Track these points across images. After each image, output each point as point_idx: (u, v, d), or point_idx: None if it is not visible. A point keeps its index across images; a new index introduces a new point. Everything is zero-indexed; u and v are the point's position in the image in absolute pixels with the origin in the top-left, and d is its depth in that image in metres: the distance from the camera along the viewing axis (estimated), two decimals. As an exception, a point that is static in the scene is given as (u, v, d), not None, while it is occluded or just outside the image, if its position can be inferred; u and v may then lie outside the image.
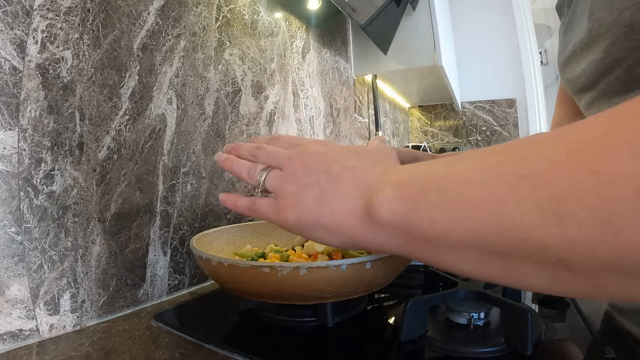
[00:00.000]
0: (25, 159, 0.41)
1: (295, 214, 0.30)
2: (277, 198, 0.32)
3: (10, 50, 0.39)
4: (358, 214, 0.27)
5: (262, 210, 0.34)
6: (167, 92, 0.58)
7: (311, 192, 0.30)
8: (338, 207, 0.28)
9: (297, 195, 0.30)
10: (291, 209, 0.31)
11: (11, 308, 0.39)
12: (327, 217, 0.28)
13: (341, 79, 1.27)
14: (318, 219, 0.29)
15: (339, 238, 0.29)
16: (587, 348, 0.38)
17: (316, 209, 0.29)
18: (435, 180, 0.23)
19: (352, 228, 0.27)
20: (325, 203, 0.29)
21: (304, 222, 0.30)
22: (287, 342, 0.41)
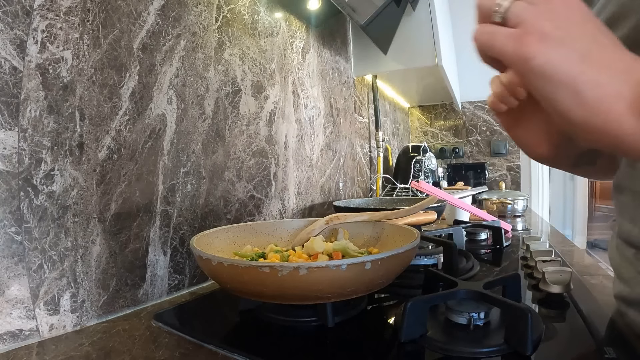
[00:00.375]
0: (25, 159, 0.41)
1: (547, 56, 0.24)
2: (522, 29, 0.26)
3: (10, 50, 0.39)
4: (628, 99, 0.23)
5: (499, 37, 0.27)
6: (167, 92, 0.58)
7: (574, 44, 0.24)
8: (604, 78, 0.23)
9: (553, 38, 0.24)
10: (543, 48, 0.24)
11: (11, 308, 0.39)
12: (588, 84, 0.24)
13: (341, 79, 1.27)
14: (576, 79, 0.24)
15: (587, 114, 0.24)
16: (587, 348, 0.38)
17: (577, 67, 0.24)
18: None
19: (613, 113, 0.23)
20: (589, 66, 0.24)
21: (555, 72, 0.24)
22: (287, 342, 0.41)
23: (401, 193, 1.43)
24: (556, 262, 0.58)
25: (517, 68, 0.26)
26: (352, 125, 1.35)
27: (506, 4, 0.27)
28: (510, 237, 0.92)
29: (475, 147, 2.30)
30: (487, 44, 0.27)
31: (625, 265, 0.41)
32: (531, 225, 1.21)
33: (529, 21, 0.25)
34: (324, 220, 0.59)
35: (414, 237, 0.49)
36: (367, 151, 1.53)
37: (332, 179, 1.17)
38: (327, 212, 0.83)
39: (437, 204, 0.84)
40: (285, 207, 0.90)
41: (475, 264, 0.66)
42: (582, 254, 0.81)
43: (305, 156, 1.01)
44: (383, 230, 0.59)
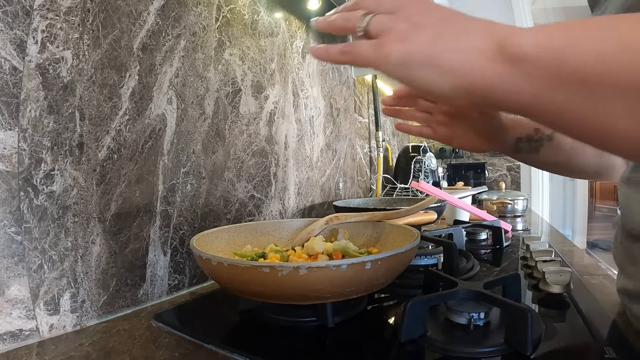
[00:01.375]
0: (25, 159, 0.41)
1: (401, 49, 0.26)
2: (381, 37, 0.28)
3: (10, 50, 0.39)
4: (488, 51, 0.23)
5: (360, 50, 0.29)
6: (167, 92, 0.58)
7: (426, 30, 0.26)
8: (461, 44, 0.25)
9: (410, 33, 0.27)
10: (398, 44, 0.27)
11: (11, 308, 0.39)
12: (444, 54, 0.25)
13: (341, 79, 1.27)
14: (431, 55, 0.25)
15: (451, 80, 0.25)
16: (587, 348, 0.38)
17: (431, 44, 0.26)
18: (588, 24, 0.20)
19: (476, 67, 0.24)
20: (443, 41, 0.25)
21: (412, 57, 0.26)
22: (287, 342, 0.41)
23: (401, 193, 1.43)
24: (556, 262, 0.58)
25: (382, 70, 0.28)
26: (352, 125, 1.35)
27: (366, 20, 0.29)
28: (510, 237, 0.92)
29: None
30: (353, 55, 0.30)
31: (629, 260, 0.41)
32: (531, 225, 1.21)
33: (386, 28, 0.28)
34: (324, 220, 0.59)
35: (414, 237, 0.49)
36: (367, 151, 1.53)
37: (332, 179, 1.17)
38: (327, 212, 0.83)
39: (437, 204, 0.84)
40: (285, 207, 0.90)
41: (475, 264, 0.66)
42: (582, 254, 0.81)
43: (305, 156, 1.01)
44: (383, 230, 0.59)
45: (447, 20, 0.26)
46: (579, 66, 0.20)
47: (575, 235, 3.80)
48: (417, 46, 0.26)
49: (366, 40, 0.29)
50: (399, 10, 0.28)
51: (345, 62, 0.32)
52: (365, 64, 0.29)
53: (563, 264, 0.60)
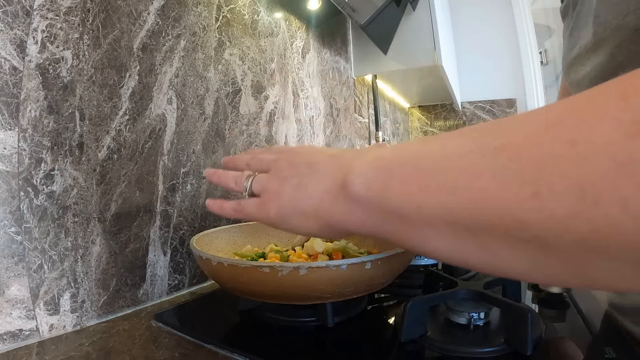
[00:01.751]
0: (25, 159, 0.41)
1: (275, 206, 0.31)
2: (261, 196, 0.33)
3: (10, 50, 0.39)
4: (333, 193, 0.27)
5: (247, 209, 0.34)
6: (167, 92, 0.58)
7: (291, 182, 0.30)
8: (314, 189, 0.28)
9: (279, 188, 0.31)
10: (273, 202, 0.31)
11: (11, 308, 0.39)
12: (305, 201, 0.29)
13: (341, 79, 1.27)
14: (296, 205, 0.29)
15: (315, 223, 0.29)
16: (587, 348, 0.38)
17: (294, 195, 0.30)
18: (411, 155, 0.23)
19: (328, 209, 0.27)
20: (303, 189, 0.29)
21: (284, 212, 0.30)
22: (287, 342, 0.41)
23: (401, 193, 1.42)
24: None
25: (266, 222, 0.33)
26: (352, 125, 1.35)
27: (249, 182, 0.34)
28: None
29: (475, 147, 2.29)
30: (240, 214, 0.35)
31: None
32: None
33: (263, 189, 0.33)
34: (324, 220, 0.58)
35: (414, 237, 0.48)
36: (367, 151, 1.52)
37: (332, 179, 1.17)
38: (327, 212, 0.83)
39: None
40: (285, 207, 0.90)
41: (475, 264, 0.66)
42: (582, 254, 0.81)
43: (305, 156, 1.00)
44: (383, 230, 0.59)
45: (307, 166, 0.30)
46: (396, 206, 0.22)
47: (575, 235, 3.79)
48: (285, 200, 0.30)
49: (252, 200, 0.34)
50: (272, 167, 0.33)
51: (238, 217, 0.37)
52: (254, 220, 0.35)
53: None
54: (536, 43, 2.25)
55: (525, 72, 2.17)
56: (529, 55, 2.17)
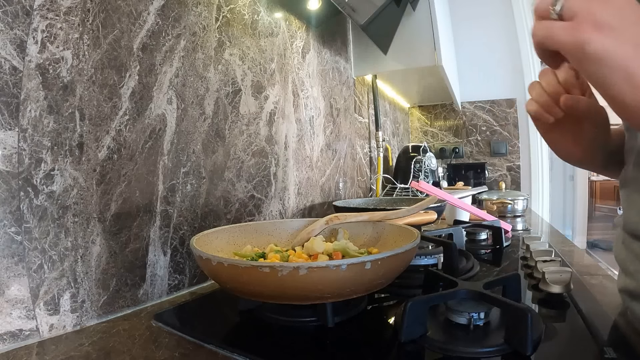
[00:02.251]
0: (25, 159, 0.41)
1: (601, 41, 0.25)
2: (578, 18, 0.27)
3: (10, 50, 0.39)
4: None
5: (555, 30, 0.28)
6: (167, 92, 0.58)
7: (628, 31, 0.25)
8: None
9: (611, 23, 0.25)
10: (598, 34, 0.25)
11: (11, 308, 0.39)
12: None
13: (341, 79, 1.27)
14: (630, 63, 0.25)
15: None
16: (587, 348, 0.38)
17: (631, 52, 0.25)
18: None
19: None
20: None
21: (610, 55, 0.25)
22: (287, 342, 0.41)
23: (401, 193, 1.43)
24: (556, 262, 0.58)
25: (573, 55, 0.27)
26: (352, 125, 1.35)
27: (561, 2, 0.28)
28: (510, 237, 0.92)
29: (475, 147, 2.30)
30: (546, 36, 0.28)
31: (630, 259, 0.41)
32: (531, 225, 1.21)
33: (583, 13, 0.26)
34: (324, 220, 0.59)
35: (414, 237, 0.49)
36: (367, 151, 1.53)
37: (332, 179, 1.17)
38: (327, 212, 0.83)
39: (437, 204, 0.84)
40: (285, 207, 0.90)
41: (475, 264, 0.66)
42: (582, 254, 0.81)
43: (305, 156, 1.01)
44: (383, 230, 0.59)
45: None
46: None
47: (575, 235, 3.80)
48: (617, 46, 0.25)
49: (563, 22, 0.27)
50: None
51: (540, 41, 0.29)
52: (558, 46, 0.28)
53: (563, 264, 0.60)
54: (536, 43, 2.24)
55: (525, 72, 2.17)
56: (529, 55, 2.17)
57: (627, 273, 0.42)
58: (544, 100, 0.38)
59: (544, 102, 0.38)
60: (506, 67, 2.20)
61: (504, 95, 2.21)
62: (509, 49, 2.20)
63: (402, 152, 1.65)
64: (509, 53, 2.19)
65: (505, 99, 2.21)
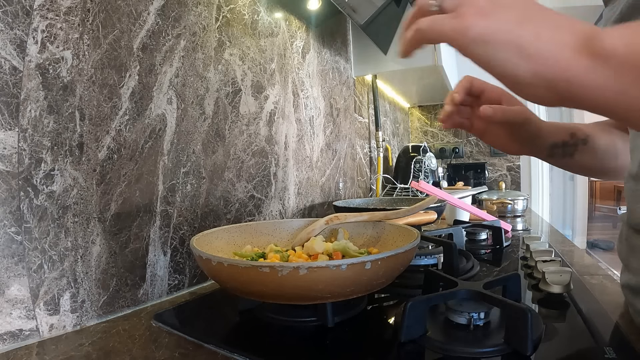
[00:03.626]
0: (25, 159, 0.41)
1: (483, 24, 0.26)
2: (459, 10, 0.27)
3: (10, 50, 0.39)
4: (575, 46, 0.23)
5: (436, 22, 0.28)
6: (167, 92, 0.58)
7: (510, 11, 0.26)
8: (547, 33, 0.24)
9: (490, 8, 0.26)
10: (479, 18, 0.26)
11: (11, 308, 0.39)
12: (530, 38, 0.24)
13: (341, 79, 1.27)
14: (515, 37, 0.25)
15: (534, 67, 0.25)
16: (587, 348, 0.38)
17: (516, 27, 0.25)
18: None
19: (562, 58, 0.24)
20: (529, 25, 0.25)
21: (494, 35, 0.25)
22: (287, 342, 0.41)
23: (401, 193, 1.43)
24: (556, 262, 0.58)
25: (458, 42, 0.27)
26: (352, 125, 1.35)
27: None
28: (510, 237, 0.92)
29: (475, 147, 2.30)
30: (429, 27, 0.28)
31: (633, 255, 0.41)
32: (531, 225, 1.21)
33: (463, 3, 0.27)
34: (324, 220, 0.59)
35: (414, 237, 0.49)
36: (367, 151, 1.53)
37: (332, 179, 1.17)
38: (327, 212, 0.83)
39: (437, 204, 0.84)
40: (285, 207, 0.90)
41: (475, 264, 0.66)
42: (582, 254, 0.81)
43: (305, 156, 1.01)
44: (383, 230, 0.59)
45: (530, 8, 0.26)
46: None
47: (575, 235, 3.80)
48: (500, 24, 0.25)
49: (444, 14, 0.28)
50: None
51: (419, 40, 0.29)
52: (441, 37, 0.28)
53: (563, 264, 0.60)
54: (536, 43, 2.24)
55: (525, 72, 2.16)
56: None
57: (630, 269, 0.42)
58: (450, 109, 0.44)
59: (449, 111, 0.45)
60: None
61: (504, 95, 2.21)
62: (509, 49, 2.19)
63: (402, 152, 1.65)
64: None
65: (505, 99, 2.21)
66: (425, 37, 0.29)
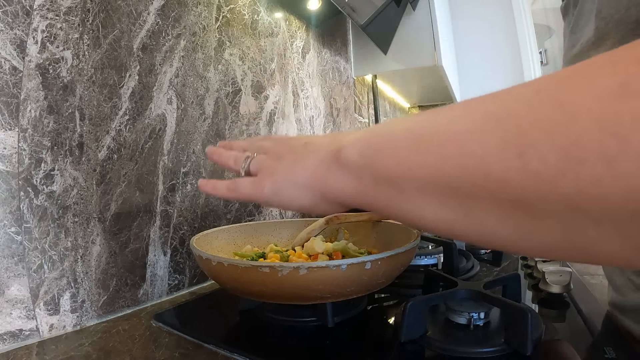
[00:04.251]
0: (25, 159, 0.41)
1: (271, 181, 0.32)
2: (259, 174, 0.34)
3: (10, 50, 0.39)
4: (327, 162, 0.28)
5: (241, 188, 0.35)
6: (167, 92, 0.58)
7: (287, 158, 0.32)
8: (309, 162, 0.30)
9: (276, 165, 0.33)
10: (268, 177, 0.33)
11: (11, 308, 0.39)
12: (299, 172, 0.30)
13: (341, 79, 1.27)
14: (290, 177, 0.31)
15: (308, 193, 0.30)
16: (587, 348, 0.38)
17: (290, 168, 0.31)
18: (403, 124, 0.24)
19: (321, 177, 0.29)
20: (298, 162, 0.31)
21: (277, 185, 0.32)
22: (287, 342, 0.41)
23: (401, 193, 1.42)
24: (556, 262, 0.58)
25: (259, 201, 0.34)
26: (352, 125, 1.35)
27: (247, 162, 0.35)
28: (510, 237, 0.92)
29: (475, 147, 2.29)
30: (233, 193, 0.36)
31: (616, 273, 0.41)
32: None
33: (260, 167, 0.34)
34: (324, 220, 0.59)
35: (414, 237, 0.49)
36: (367, 151, 1.53)
37: (332, 179, 1.17)
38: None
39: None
40: (285, 207, 0.90)
41: (475, 264, 0.66)
42: (582, 254, 0.81)
43: (305, 156, 1.00)
44: (383, 230, 0.59)
45: (305, 147, 0.31)
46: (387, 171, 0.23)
47: (575, 235, 3.79)
48: (280, 173, 0.32)
49: (247, 179, 0.35)
50: (270, 150, 0.35)
51: (231, 197, 0.37)
52: (247, 199, 0.36)
53: (563, 264, 0.60)
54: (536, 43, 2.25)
55: (525, 72, 2.17)
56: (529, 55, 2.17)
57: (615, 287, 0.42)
58: None
59: None
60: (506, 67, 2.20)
61: (504, 95, 2.21)
62: (509, 49, 2.19)
63: (402, 152, 1.65)
64: (509, 53, 2.19)
65: (505, 99, 2.21)
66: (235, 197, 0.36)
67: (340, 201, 0.29)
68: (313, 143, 0.31)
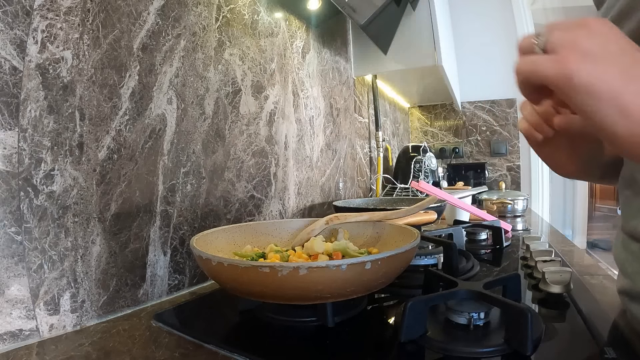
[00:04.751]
0: (25, 159, 0.41)
1: (587, 73, 0.25)
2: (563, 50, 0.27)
3: (10, 50, 0.39)
4: None
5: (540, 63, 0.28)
6: (167, 92, 0.58)
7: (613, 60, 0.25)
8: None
9: (595, 55, 0.25)
10: (584, 65, 0.25)
11: (11, 308, 0.39)
12: (630, 96, 0.24)
13: (341, 79, 1.27)
14: (618, 94, 0.25)
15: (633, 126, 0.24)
16: (587, 348, 0.38)
17: (619, 81, 0.25)
18: None
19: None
20: (630, 80, 0.25)
21: (598, 88, 0.25)
22: (287, 342, 0.41)
23: (401, 193, 1.43)
24: (556, 262, 0.58)
25: (561, 88, 0.27)
26: (352, 125, 1.35)
27: (544, 35, 0.28)
28: (510, 237, 0.92)
29: (475, 147, 2.30)
30: (530, 70, 0.28)
31: (629, 260, 0.41)
32: (531, 225, 1.21)
33: (567, 45, 0.26)
34: (324, 220, 0.59)
35: (414, 237, 0.49)
36: (367, 151, 1.53)
37: (332, 179, 1.17)
38: (327, 212, 0.83)
39: (437, 204, 0.84)
40: (285, 207, 0.90)
41: (475, 264, 0.66)
42: (582, 254, 0.81)
43: (305, 156, 1.01)
44: (383, 230, 0.59)
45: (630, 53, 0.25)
46: None
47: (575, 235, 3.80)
48: (603, 76, 0.25)
49: (547, 55, 0.27)
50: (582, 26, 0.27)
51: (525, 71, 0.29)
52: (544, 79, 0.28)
53: (563, 264, 0.60)
54: (536, 43, 2.24)
55: (525, 72, 2.16)
56: (529, 55, 2.16)
57: (626, 274, 0.42)
58: (535, 119, 0.38)
59: (535, 122, 0.38)
60: (506, 67, 2.20)
61: (504, 95, 2.21)
62: (509, 49, 2.19)
63: (402, 152, 1.65)
64: (509, 53, 2.19)
65: (505, 99, 2.21)
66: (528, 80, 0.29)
67: None
68: None
